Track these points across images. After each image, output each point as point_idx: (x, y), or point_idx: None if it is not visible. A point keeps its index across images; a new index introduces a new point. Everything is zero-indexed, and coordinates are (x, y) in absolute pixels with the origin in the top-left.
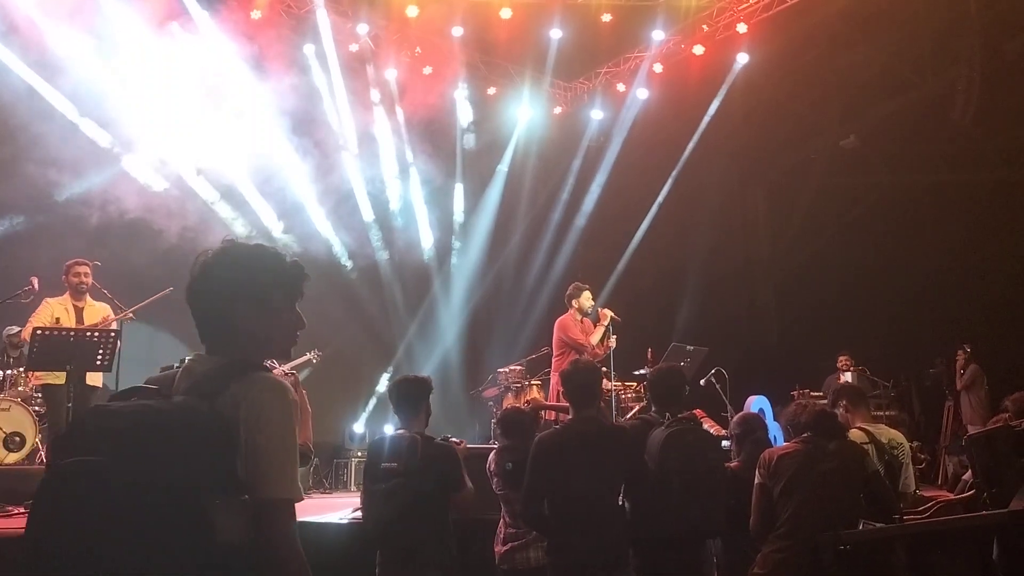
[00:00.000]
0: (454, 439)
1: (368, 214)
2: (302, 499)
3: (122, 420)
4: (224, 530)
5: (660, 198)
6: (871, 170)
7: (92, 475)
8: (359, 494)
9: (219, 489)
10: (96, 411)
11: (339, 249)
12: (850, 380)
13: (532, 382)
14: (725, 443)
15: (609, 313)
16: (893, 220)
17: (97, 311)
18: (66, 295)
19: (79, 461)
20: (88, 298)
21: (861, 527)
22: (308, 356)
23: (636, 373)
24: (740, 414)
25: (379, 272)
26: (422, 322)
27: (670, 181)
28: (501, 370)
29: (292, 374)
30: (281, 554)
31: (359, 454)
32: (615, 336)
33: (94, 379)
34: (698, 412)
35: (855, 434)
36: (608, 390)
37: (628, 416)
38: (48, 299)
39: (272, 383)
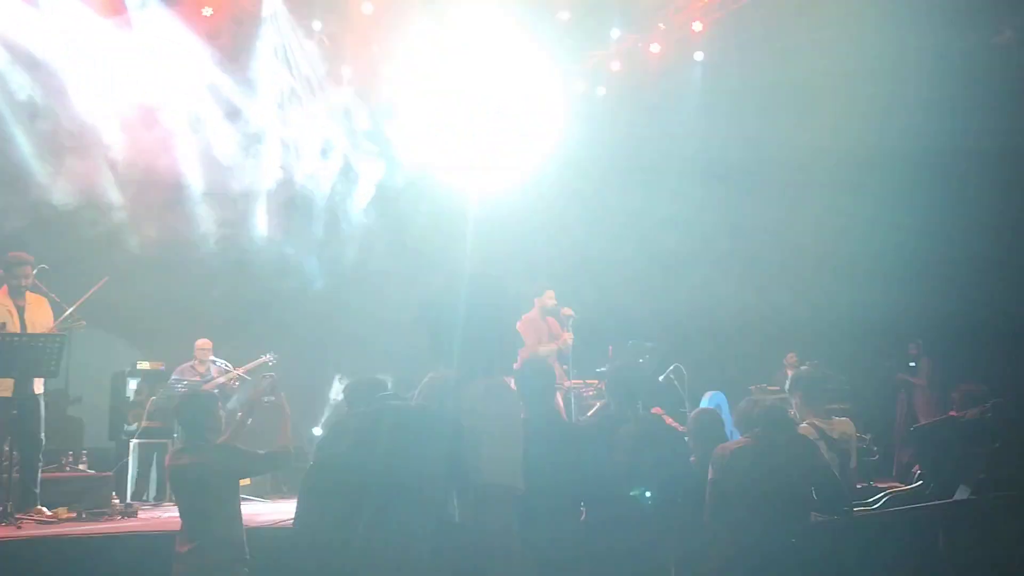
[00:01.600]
0: None
1: (319, 217)
2: (520, 488)
3: (362, 419)
4: (449, 511)
5: (620, 196)
6: (830, 173)
7: (342, 465)
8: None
9: (447, 476)
10: (348, 412)
11: (288, 252)
12: (806, 370)
13: None
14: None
15: (569, 312)
16: (848, 216)
17: (38, 308)
18: (3, 292)
19: (331, 454)
20: (27, 293)
21: (812, 519)
22: (265, 358)
23: (597, 371)
24: (696, 410)
25: (331, 274)
26: (384, 322)
27: (630, 179)
28: None
29: (270, 376)
30: (488, 535)
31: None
32: (571, 333)
33: (37, 386)
34: (657, 410)
35: (805, 429)
36: (567, 387)
37: (589, 413)
38: None
39: (492, 383)
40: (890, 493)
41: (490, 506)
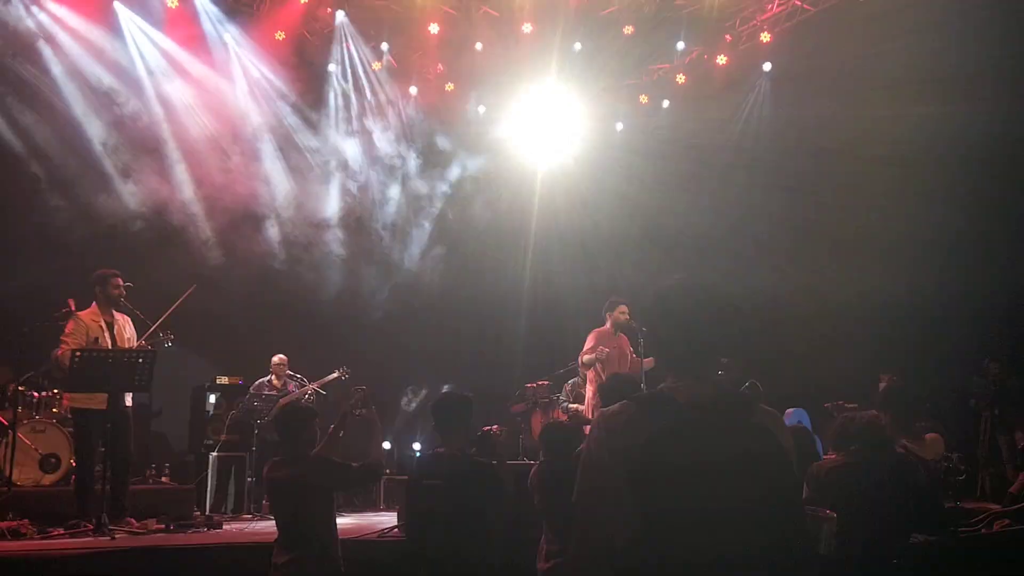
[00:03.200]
0: (492, 428)
1: (386, 235)
2: None
3: None
4: None
5: (687, 208)
6: (900, 179)
7: None
8: (388, 512)
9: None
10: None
11: (356, 270)
12: (898, 387)
13: (560, 397)
14: None
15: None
16: (924, 230)
17: (125, 324)
18: (94, 308)
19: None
20: (113, 311)
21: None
22: (337, 374)
23: (660, 387)
24: (789, 427)
25: (400, 288)
26: (447, 335)
27: (697, 191)
28: (529, 385)
29: (362, 389)
30: None
31: (387, 471)
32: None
33: (127, 400)
34: None
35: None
36: None
37: None
38: (79, 315)
39: None
40: (991, 514)
41: None
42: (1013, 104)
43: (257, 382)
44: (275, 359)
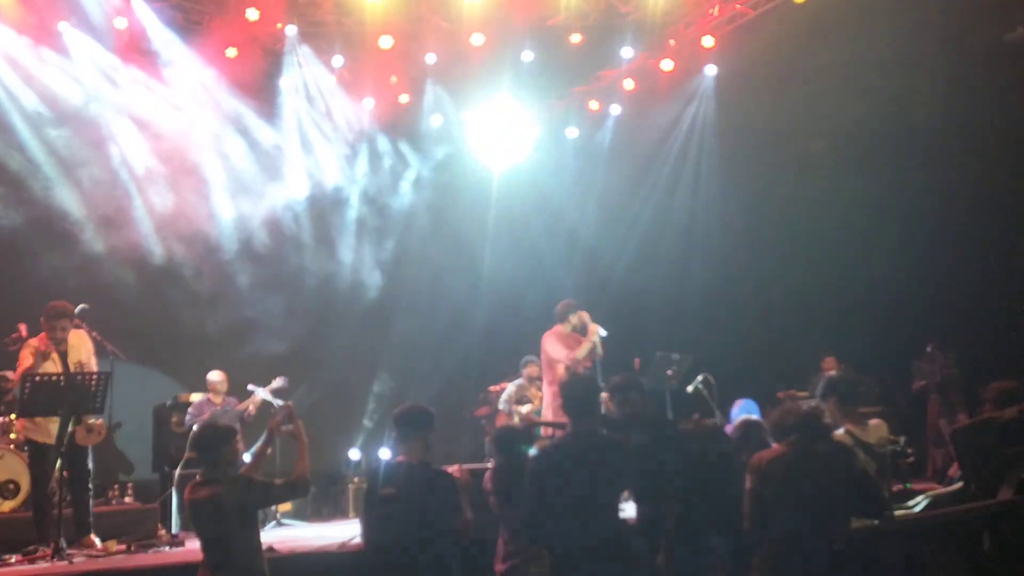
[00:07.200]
0: (451, 468)
1: (346, 242)
2: None
3: None
4: None
5: (638, 210)
6: (841, 174)
7: None
8: (358, 521)
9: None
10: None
11: (316, 279)
12: (840, 375)
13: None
14: None
15: (597, 328)
16: (866, 221)
17: (77, 347)
18: (44, 337)
19: None
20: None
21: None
22: (277, 383)
23: None
24: (741, 419)
25: (358, 298)
26: (410, 342)
27: (647, 193)
28: (492, 388)
29: (287, 405)
30: None
31: (355, 480)
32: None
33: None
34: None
35: (841, 437)
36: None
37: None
38: (31, 343)
39: None
40: (930, 496)
41: None
42: (957, 97)
43: (196, 401)
44: (211, 376)
